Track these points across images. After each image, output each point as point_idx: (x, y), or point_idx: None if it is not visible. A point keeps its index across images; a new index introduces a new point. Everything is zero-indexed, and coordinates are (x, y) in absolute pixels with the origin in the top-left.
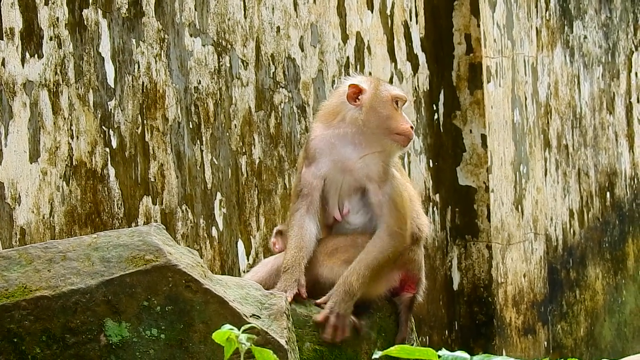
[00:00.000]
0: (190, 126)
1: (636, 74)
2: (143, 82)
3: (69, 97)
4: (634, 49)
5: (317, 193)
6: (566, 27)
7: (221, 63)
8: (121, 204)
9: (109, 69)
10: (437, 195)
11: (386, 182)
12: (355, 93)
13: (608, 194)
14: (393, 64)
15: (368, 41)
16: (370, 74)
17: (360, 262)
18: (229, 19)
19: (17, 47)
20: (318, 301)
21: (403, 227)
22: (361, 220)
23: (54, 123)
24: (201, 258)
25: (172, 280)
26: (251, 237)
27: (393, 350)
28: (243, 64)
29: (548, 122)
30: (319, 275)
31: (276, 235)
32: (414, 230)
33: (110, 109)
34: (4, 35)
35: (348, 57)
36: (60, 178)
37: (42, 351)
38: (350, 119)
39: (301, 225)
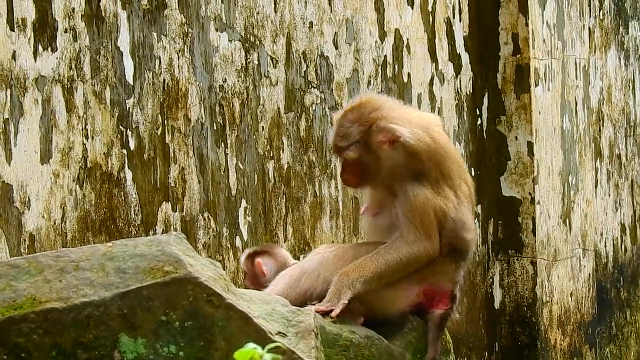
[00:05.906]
0: (215, 127)
1: None
2: (164, 79)
3: (84, 94)
4: None
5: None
6: (621, 28)
7: (249, 60)
8: (138, 210)
9: (128, 64)
10: (479, 206)
11: (399, 196)
12: None
13: None
14: (434, 64)
15: (407, 39)
16: (409, 75)
17: (364, 259)
18: (257, 13)
19: (29, 39)
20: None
21: (420, 237)
22: (388, 221)
23: (68, 122)
24: (224, 270)
25: (192, 293)
26: None
27: None
28: (272, 61)
29: (600, 130)
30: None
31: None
32: (450, 241)
33: (129, 108)
34: (16, 26)
35: (385, 56)
36: (73, 181)
37: None
38: None
39: None
